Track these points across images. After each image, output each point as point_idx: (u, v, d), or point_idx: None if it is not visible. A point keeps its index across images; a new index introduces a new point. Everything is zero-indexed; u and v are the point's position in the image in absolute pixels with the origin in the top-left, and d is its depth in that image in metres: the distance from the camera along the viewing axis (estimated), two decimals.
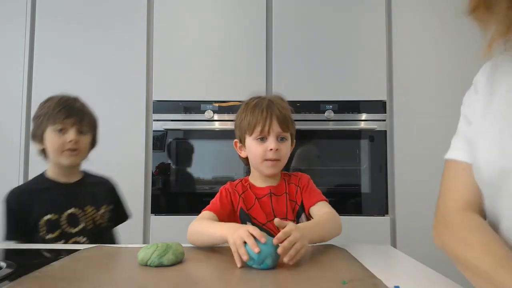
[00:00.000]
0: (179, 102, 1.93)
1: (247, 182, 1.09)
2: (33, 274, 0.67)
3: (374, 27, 1.97)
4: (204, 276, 0.68)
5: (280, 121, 0.99)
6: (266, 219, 1.03)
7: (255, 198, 1.05)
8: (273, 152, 0.99)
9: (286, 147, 1.02)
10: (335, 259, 0.81)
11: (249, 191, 1.06)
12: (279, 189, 1.06)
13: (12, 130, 1.91)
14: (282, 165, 1.03)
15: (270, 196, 1.05)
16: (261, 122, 0.99)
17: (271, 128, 0.99)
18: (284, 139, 1.02)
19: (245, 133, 1.04)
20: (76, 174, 1.21)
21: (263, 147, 1.00)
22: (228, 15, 1.98)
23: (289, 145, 1.04)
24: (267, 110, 1.00)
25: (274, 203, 1.04)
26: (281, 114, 1.00)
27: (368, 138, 1.93)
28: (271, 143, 0.99)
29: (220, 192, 1.07)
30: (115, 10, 1.96)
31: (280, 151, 1.00)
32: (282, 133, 1.01)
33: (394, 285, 0.61)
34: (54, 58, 1.94)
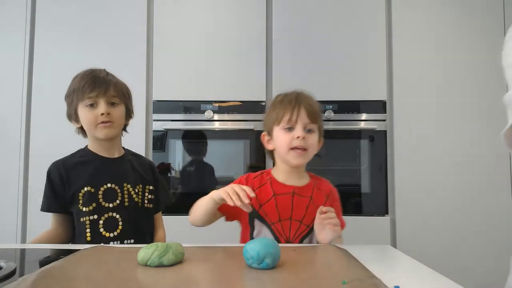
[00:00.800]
0: (179, 102, 1.93)
1: (268, 176, 1.07)
2: (33, 274, 0.67)
3: (374, 27, 1.97)
4: (204, 276, 0.68)
5: (308, 111, 1.00)
6: (279, 218, 1.01)
7: (273, 194, 1.03)
8: (299, 140, 0.99)
9: (313, 138, 1.01)
10: (335, 259, 0.81)
11: (268, 185, 1.04)
12: (304, 191, 1.04)
13: (12, 130, 1.91)
14: (308, 156, 1.02)
15: (292, 195, 1.03)
16: (289, 111, 1.00)
17: (298, 117, 1.00)
18: (311, 131, 1.02)
19: (273, 124, 1.04)
20: (117, 150, 1.20)
21: (290, 136, 1.00)
22: (228, 15, 1.98)
23: (316, 137, 1.03)
24: (296, 100, 1.01)
25: (295, 204, 1.02)
26: (309, 106, 1.01)
27: (368, 138, 1.93)
28: (298, 131, 0.99)
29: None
30: (115, 11, 1.97)
31: (307, 140, 1.00)
32: (310, 124, 1.01)
33: (394, 285, 0.61)
34: (54, 58, 1.95)
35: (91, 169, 1.13)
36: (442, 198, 1.89)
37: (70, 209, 1.11)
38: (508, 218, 1.89)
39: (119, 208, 1.12)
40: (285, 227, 1.02)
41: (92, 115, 1.11)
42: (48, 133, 1.91)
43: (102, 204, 1.10)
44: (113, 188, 1.13)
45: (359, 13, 1.98)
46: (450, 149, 1.91)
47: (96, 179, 1.12)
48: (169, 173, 1.93)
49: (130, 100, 1.24)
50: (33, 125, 1.92)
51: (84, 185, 1.10)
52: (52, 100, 1.94)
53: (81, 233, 1.09)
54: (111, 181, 1.13)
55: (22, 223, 1.87)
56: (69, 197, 1.10)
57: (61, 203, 1.11)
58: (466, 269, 1.85)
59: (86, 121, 1.12)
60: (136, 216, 1.14)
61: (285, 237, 1.02)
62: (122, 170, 1.17)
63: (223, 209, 1.01)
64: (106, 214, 1.10)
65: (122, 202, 1.13)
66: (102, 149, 1.17)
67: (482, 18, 1.95)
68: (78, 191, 1.10)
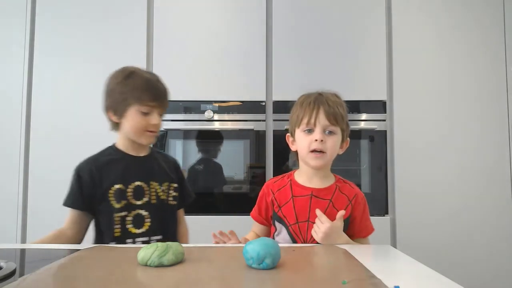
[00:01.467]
0: (179, 102, 1.93)
1: (289, 178, 1.09)
2: (33, 274, 0.67)
3: (374, 27, 1.97)
4: (204, 276, 0.68)
5: (327, 113, 1.00)
6: (296, 220, 1.02)
7: (291, 196, 1.04)
8: (318, 143, 0.99)
9: (333, 141, 1.01)
10: (335, 259, 0.81)
11: (287, 187, 1.06)
12: (323, 193, 1.04)
13: (12, 130, 1.91)
14: (328, 159, 1.02)
15: (310, 198, 1.03)
16: (308, 114, 1.01)
17: (317, 120, 1.00)
18: (332, 133, 1.01)
19: (294, 126, 1.05)
20: (145, 149, 1.22)
21: (309, 138, 1.01)
22: (228, 15, 1.98)
23: (337, 140, 1.02)
24: (315, 102, 1.01)
25: (313, 206, 1.02)
26: (329, 108, 1.00)
27: (368, 138, 1.93)
28: (317, 134, 0.99)
29: (259, 196, 1.12)
30: (115, 10, 1.97)
31: (326, 143, 1.00)
32: (330, 126, 1.00)
33: (394, 285, 0.61)
34: (54, 59, 1.95)
35: (121, 167, 1.15)
36: (442, 198, 1.89)
37: (98, 206, 1.12)
38: (509, 217, 1.89)
39: (147, 205, 1.14)
40: (302, 229, 1.02)
41: (143, 122, 1.13)
42: (48, 133, 1.91)
43: (131, 201, 1.13)
44: (141, 185, 1.15)
45: (359, 13, 1.98)
46: (450, 149, 1.91)
47: (126, 177, 1.14)
48: None
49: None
50: (33, 125, 1.92)
51: (114, 183, 1.12)
52: (52, 100, 1.94)
53: (109, 229, 1.10)
54: (139, 179, 1.15)
55: (22, 223, 1.87)
56: (98, 195, 1.12)
57: (86, 200, 1.12)
58: (466, 269, 1.85)
59: (135, 125, 1.13)
60: (162, 213, 1.17)
61: (302, 239, 1.02)
62: (150, 168, 1.19)
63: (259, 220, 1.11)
64: (134, 211, 1.13)
65: (149, 200, 1.15)
66: (131, 148, 1.19)
67: (482, 18, 1.95)
68: (108, 188, 1.12)
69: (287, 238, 1.03)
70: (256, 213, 1.12)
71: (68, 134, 1.91)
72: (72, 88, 1.94)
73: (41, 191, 1.88)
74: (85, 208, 1.13)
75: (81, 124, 1.91)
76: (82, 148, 1.90)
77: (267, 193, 1.09)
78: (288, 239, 1.03)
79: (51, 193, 1.87)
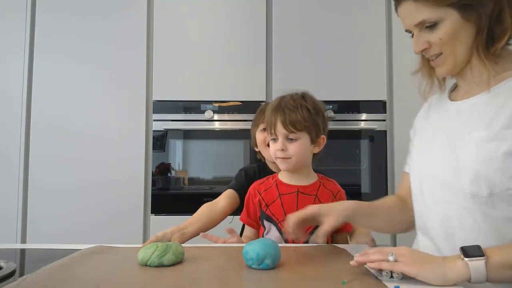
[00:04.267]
0: (179, 102, 1.93)
1: (274, 179, 1.12)
2: (33, 274, 0.67)
3: (374, 27, 1.98)
4: (204, 276, 0.68)
5: (283, 123, 1.01)
6: (285, 216, 1.03)
7: (278, 195, 1.07)
8: (279, 152, 1.03)
9: (295, 146, 1.03)
10: (335, 259, 0.81)
11: (273, 187, 1.09)
12: (309, 189, 1.08)
13: (12, 130, 1.91)
14: (295, 162, 1.04)
15: (297, 194, 1.06)
16: (268, 124, 1.05)
17: (276, 130, 1.03)
18: (293, 140, 1.03)
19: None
20: None
21: (274, 147, 1.05)
22: (228, 15, 1.98)
23: (302, 143, 1.03)
24: (272, 112, 1.04)
25: (300, 202, 1.05)
26: (286, 116, 1.01)
27: (368, 138, 1.93)
28: (278, 144, 1.04)
29: (246, 197, 1.14)
30: (115, 11, 1.97)
31: (288, 150, 1.03)
32: (289, 134, 1.02)
33: (394, 286, 0.61)
34: (54, 58, 1.95)
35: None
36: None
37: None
38: None
39: None
40: None
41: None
42: (48, 133, 1.91)
43: None
44: None
45: (359, 13, 1.98)
46: None
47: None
48: (169, 173, 1.93)
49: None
50: (33, 125, 1.92)
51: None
52: (52, 100, 1.94)
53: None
54: None
55: (22, 223, 1.87)
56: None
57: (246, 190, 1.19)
58: None
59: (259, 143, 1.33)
60: None
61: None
62: None
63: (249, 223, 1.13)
64: None
65: None
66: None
67: None
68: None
69: (277, 235, 1.05)
70: (246, 216, 1.14)
71: (68, 134, 1.91)
72: (72, 88, 1.93)
73: (41, 191, 1.88)
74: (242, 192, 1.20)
75: (81, 124, 1.91)
76: (82, 148, 1.91)
77: (254, 195, 1.12)
78: (278, 235, 1.05)
79: (51, 193, 1.88)
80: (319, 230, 0.83)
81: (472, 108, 0.76)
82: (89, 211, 1.86)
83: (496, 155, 0.68)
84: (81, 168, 1.89)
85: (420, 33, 0.76)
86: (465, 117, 0.76)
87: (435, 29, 0.73)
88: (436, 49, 0.76)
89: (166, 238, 1.00)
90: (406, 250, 0.68)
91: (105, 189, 1.88)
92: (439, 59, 0.77)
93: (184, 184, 1.93)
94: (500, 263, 0.62)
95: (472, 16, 0.71)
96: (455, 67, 0.77)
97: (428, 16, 0.73)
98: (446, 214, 0.75)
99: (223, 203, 1.20)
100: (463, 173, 0.71)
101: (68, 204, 1.87)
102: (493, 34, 0.72)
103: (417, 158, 0.87)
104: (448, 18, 0.72)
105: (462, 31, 0.72)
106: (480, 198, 0.69)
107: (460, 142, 0.74)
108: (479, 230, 0.70)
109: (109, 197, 1.87)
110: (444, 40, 0.73)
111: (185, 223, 1.09)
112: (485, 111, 0.72)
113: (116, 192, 1.88)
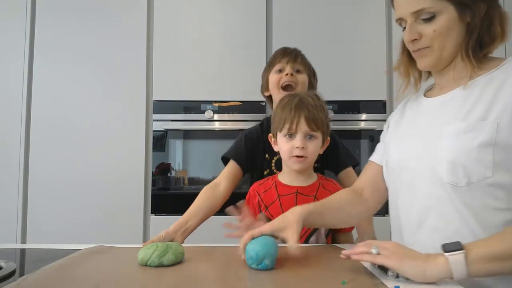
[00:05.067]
0: (179, 102, 1.93)
1: (274, 180, 1.11)
2: (33, 274, 0.67)
3: (374, 27, 1.97)
4: (204, 276, 0.68)
5: (307, 120, 1.01)
6: None
7: (277, 196, 1.07)
8: (299, 150, 1.01)
9: (313, 145, 1.03)
10: (335, 259, 0.81)
11: (272, 188, 1.08)
12: (308, 190, 1.07)
13: (12, 130, 1.91)
14: (309, 162, 1.04)
15: (296, 195, 1.06)
16: (289, 120, 1.02)
17: (298, 127, 1.01)
18: (313, 137, 1.03)
19: (277, 129, 1.07)
20: None
21: (290, 144, 1.03)
22: (228, 15, 1.98)
23: (317, 143, 1.04)
24: (296, 108, 1.02)
25: (299, 203, 1.02)
26: (310, 113, 1.01)
27: (368, 138, 1.93)
28: (298, 141, 1.01)
29: (246, 200, 1.13)
30: (115, 11, 1.97)
31: (307, 149, 1.02)
32: (310, 132, 1.02)
33: (394, 285, 0.61)
34: (54, 59, 1.95)
35: None
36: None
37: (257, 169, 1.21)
38: None
39: None
40: None
41: (277, 78, 1.23)
42: (48, 133, 1.91)
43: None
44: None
45: (359, 13, 1.98)
46: None
47: None
48: (169, 173, 1.93)
49: (312, 74, 1.34)
50: (33, 125, 1.92)
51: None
52: (52, 100, 1.94)
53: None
54: None
55: (22, 223, 1.88)
56: (260, 159, 1.20)
57: (247, 159, 1.20)
58: None
59: (271, 85, 1.25)
60: None
61: None
62: None
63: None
64: None
65: None
66: None
67: None
68: (272, 158, 1.20)
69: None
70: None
71: (68, 134, 1.91)
72: (72, 88, 1.94)
73: (41, 191, 1.88)
74: (244, 164, 1.20)
75: (81, 124, 1.91)
76: (82, 148, 1.91)
77: (253, 196, 1.11)
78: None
79: (51, 193, 1.88)
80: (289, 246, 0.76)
81: (449, 102, 0.77)
82: (89, 211, 1.86)
83: (472, 145, 0.69)
84: (81, 168, 1.89)
85: (414, 23, 0.77)
86: (442, 110, 0.78)
87: (430, 21, 0.74)
88: (426, 42, 0.76)
89: (169, 238, 1.00)
90: (391, 244, 0.68)
91: (105, 189, 1.88)
92: (425, 51, 0.78)
93: (184, 184, 1.93)
94: (480, 256, 0.62)
95: (467, 16, 0.73)
96: (439, 63, 0.78)
97: (428, 5, 0.73)
98: (427, 206, 0.76)
99: (224, 185, 1.18)
100: (441, 163, 0.72)
101: (68, 204, 1.87)
102: (482, 40, 0.74)
103: (393, 151, 0.87)
104: (445, 12, 0.73)
105: (455, 29, 0.74)
106: (459, 188, 0.70)
107: (438, 135, 0.75)
108: (460, 221, 0.71)
109: (109, 197, 1.87)
110: (437, 33, 0.74)
111: (186, 217, 1.09)
112: (462, 104, 0.74)
113: (116, 192, 1.88)
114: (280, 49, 1.32)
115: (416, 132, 0.82)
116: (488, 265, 0.62)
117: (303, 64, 1.27)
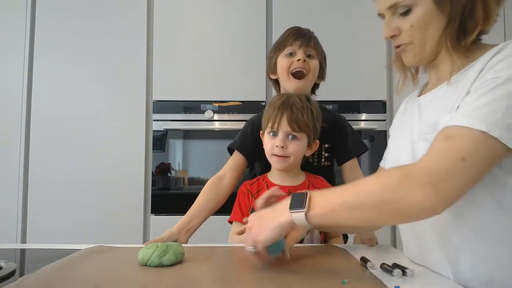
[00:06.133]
0: (179, 102, 1.93)
1: (264, 180, 1.11)
2: (33, 274, 0.67)
3: (374, 27, 1.97)
4: (204, 276, 0.68)
5: (289, 120, 1.01)
6: None
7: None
8: (279, 149, 1.02)
9: (295, 146, 1.03)
10: (335, 259, 0.81)
11: (265, 189, 1.08)
12: (299, 189, 1.06)
13: (12, 130, 1.91)
14: (290, 161, 1.04)
15: (288, 195, 1.05)
16: (272, 119, 1.03)
17: (279, 126, 1.02)
18: (296, 138, 1.03)
19: (263, 127, 1.08)
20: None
21: (272, 142, 1.03)
22: (228, 15, 1.98)
23: (301, 144, 1.04)
24: (279, 108, 1.03)
25: None
26: (293, 114, 1.02)
27: (368, 138, 1.93)
28: (278, 140, 1.02)
29: (238, 197, 1.11)
30: (115, 11, 1.97)
31: (287, 149, 1.02)
32: (292, 132, 1.02)
33: (394, 285, 0.61)
34: (54, 59, 1.95)
35: None
36: None
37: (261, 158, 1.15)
38: None
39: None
40: None
41: (287, 63, 1.15)
42: (48, 133, 1.91)
43: None
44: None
45: (359, 13, 1.98)
46: None
47: None
48: (169, 173, 1.93)
49: (324, 60, 1.27)
50: (33, 125, 1.92)
51: None
52: (52, 100, 1.94)
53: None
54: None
55: (22, 223, 1.88)
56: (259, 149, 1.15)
57: (253, 150, 1.16)
58: None
59: (280, 69, 1.17)
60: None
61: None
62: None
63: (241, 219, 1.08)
64: None
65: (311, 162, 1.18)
66: None
67: None
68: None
69: None
70: (239, 214, 1.09)
71: (68, 134, 1.91)
72: (72, 88, 1.94)
73: (41, 191, 1.88)
74: (249, 155, 1.17)
75: (81, 124, 1.91)
76: (82, 148, 1.91)
77: (247, 195, 1.10)
78: None
79: (51, 193, 1.88)
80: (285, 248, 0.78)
81: (434, 99, 0.76)
82: (89, 211, 1.86)
83: None
84: (81, 168, 1.89)
85: (392, 18, 0.75)
86: (430, 108, 0.77)
87: (407, 16, 0.72)
88: (405, 38, 0.74)
89: (173, 238, 1.00)
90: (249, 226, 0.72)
91: (105, 189, 1.88)
92: (406, 46, 0.75)
93: (184, 184, 1.93)
94: (319, 214, 0.66)
95: (446, 6, 0.69)
96: (422, 58, 0.76)
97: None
98: None
99: (229, 179, 1.16)
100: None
101: (68, 204, 1.87)
102: (465, 27, 0.69)
103: (390, 151, 0.89)
104: (421, 4, 0.70)
105: (434, 21, 0.70)
106: None
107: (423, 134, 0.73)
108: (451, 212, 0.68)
109: (109, 197, 1.88)
110: (415, 28, 0.71)
111: (190, 215, 1.08)
112: (447, 101, 0.70)
113: (116, 192, 1.88)
114: (292, 28, 1.23)
115: (407, 131, 0.81)
116: (327, 218, 0.66)
117: (315, 49, 1.21)
